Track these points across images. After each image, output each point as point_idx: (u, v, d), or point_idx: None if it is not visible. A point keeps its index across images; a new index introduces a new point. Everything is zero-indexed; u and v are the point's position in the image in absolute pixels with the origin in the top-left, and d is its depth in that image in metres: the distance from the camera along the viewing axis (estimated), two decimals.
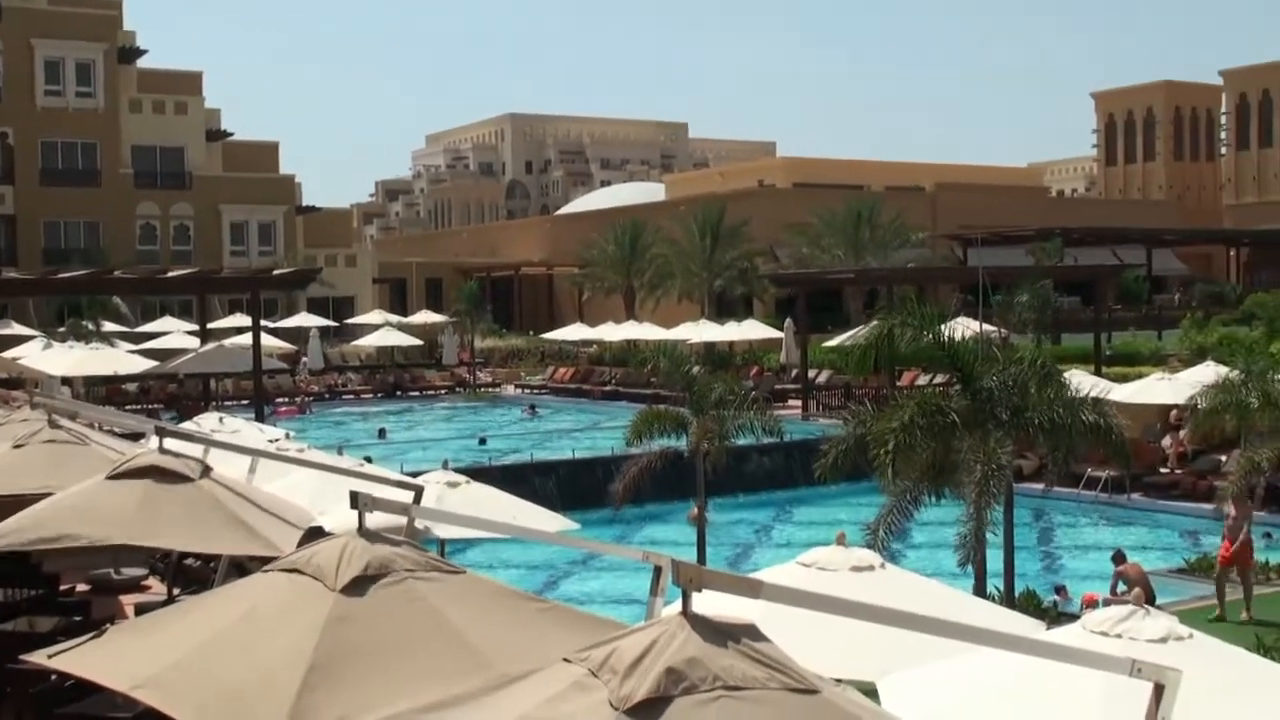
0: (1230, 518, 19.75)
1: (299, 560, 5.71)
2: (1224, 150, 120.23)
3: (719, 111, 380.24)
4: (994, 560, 17.10)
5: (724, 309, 64.00)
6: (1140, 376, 34.20)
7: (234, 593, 6.09)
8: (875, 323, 18.81)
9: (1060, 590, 19.83)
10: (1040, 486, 26.51)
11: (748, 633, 4.19)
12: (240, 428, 20.63)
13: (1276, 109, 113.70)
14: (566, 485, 29.55)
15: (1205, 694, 5.09)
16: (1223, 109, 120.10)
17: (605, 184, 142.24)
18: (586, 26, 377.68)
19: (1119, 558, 20.16)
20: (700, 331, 52.14)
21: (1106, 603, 15.38)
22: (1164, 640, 5.78)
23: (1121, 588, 18.01)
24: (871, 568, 8.47)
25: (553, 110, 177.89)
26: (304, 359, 56.24)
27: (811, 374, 45.07)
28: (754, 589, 4.42)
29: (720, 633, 4.13)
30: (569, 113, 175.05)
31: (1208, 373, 24.83)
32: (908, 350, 17.31)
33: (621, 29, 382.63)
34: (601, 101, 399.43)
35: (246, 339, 39.99)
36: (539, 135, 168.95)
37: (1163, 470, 30.87)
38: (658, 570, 4.39)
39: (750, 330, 53.22)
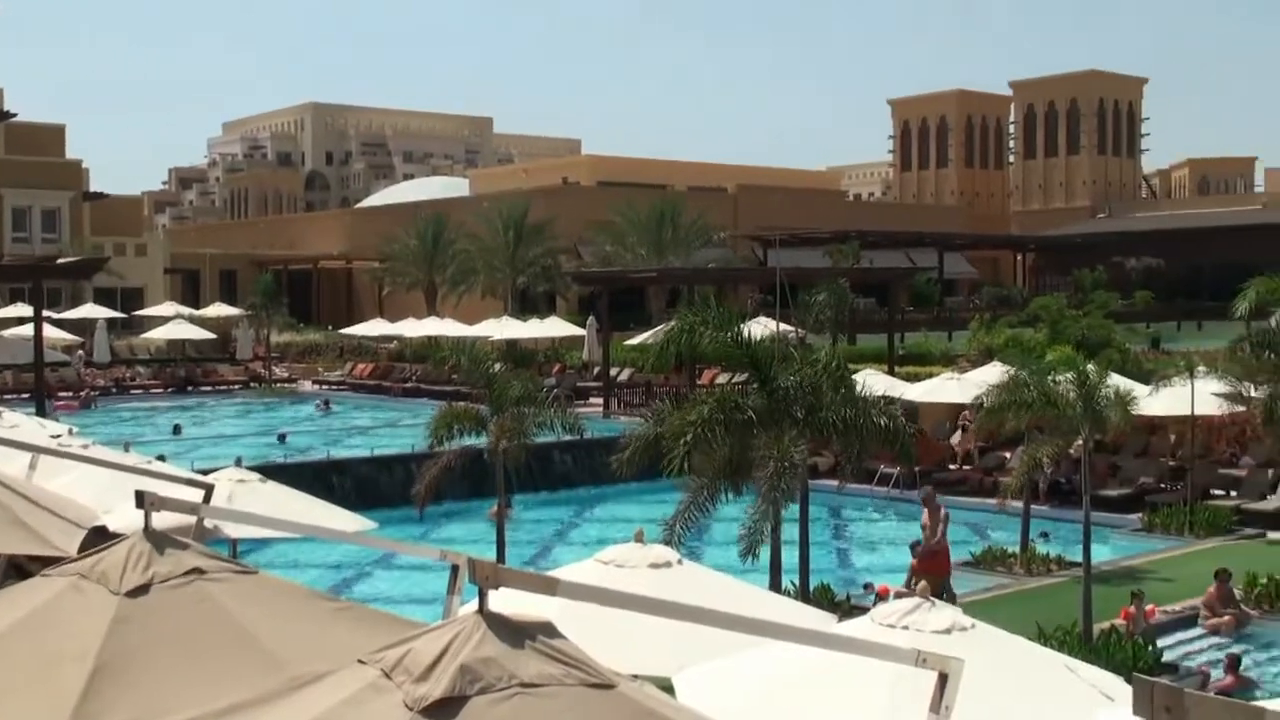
0: (926, 527, 20.05)
1: (83, 564, 5.50)
2: (1012, 158, 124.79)
3: (525, 107, 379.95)
4: (790, 555, 17.45)
5: (527, 306, 63.99)
6: (931, 376, 35.28)
7: (13, 596, 5.83)
8: (676, 321, 19.00)
9: (867, 586, 20.39)
10: (835, 483, 27.12)
11: (544, 630, 4.18)
12: (20, 422, 19.77)
13: (1061, 120, 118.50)
14: (365, 484, 29.14)
15: (987, 682, 5.27)
16: (1011, 119, 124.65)
17: (408, 177, 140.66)
18: (391, 16, 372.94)
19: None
20: (503, 328, 51.98)
21: (898, 595, 15.85)
22: (949, 631, 5.97)
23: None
24: (669, 564, 8.55)
25: (355, 101, 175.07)
26: (79, 351, 54.22)
27: (614, 372, 45.32)
28: (550, 586, 4.41)
29: (517, 631, 4.11)
30: (372, 104, 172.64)
31: (994, 373, 25.72)
32: (707, 349, 17.54)
33: (426, 20, 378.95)
34: (405, 93, 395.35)
35: (28, 329, 38.42)
36: (340, 126, 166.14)
37: (951, 467, 31.93)
38: (455, 569, 4.35)
39: (553, 328, 53.28)
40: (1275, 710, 3.58)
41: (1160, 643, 17.21)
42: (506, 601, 4.39)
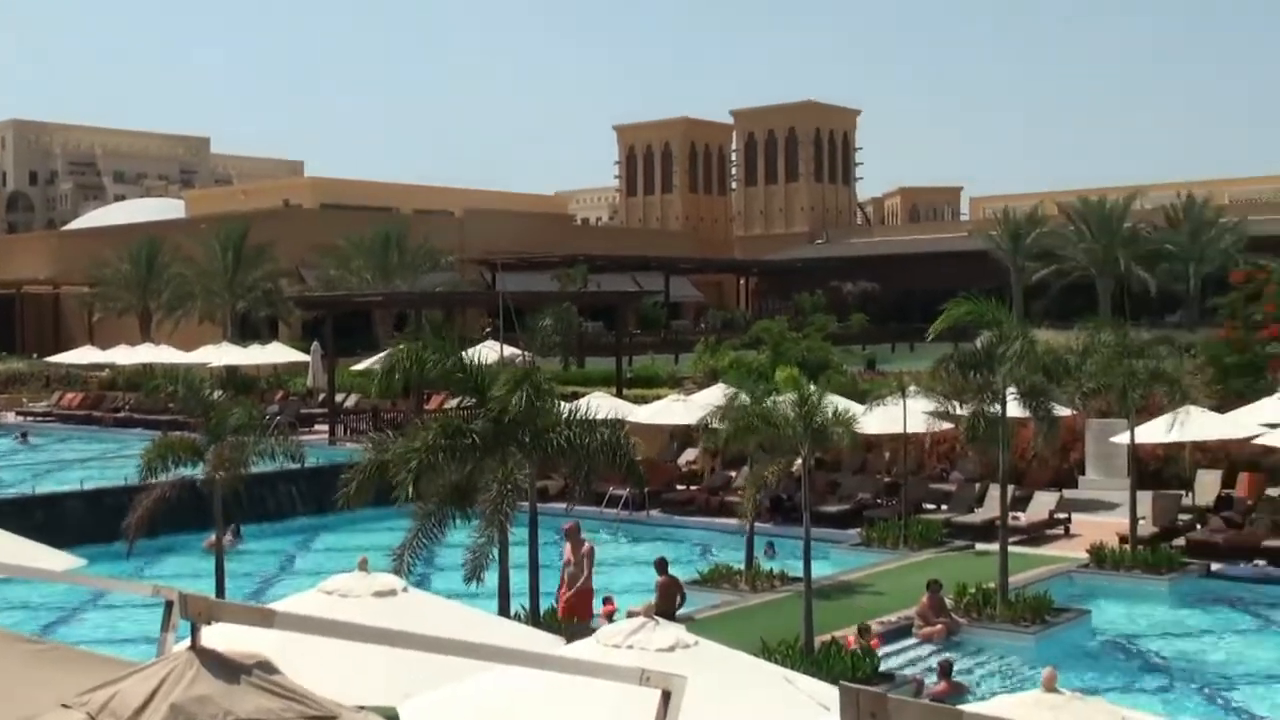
0: (568, 561, 19.56)
1: None
2: (734, 185, 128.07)
3: (243, 128, 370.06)
4: (521, 579, 17.42)
5: (248, 331, 62.27)
6: (659, 398, 35.85)
7: None
8: (402, 346, 18.78)
9: (607, 601, 20.53)
10: (564, 505, 27.22)
11: (260, 665, 4.07)
12: None
13: (781, 148, 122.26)
14: (74, 519, 27.81)
15: (710, 697, 5.36)
16: (733, 146, 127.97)
17: (120, 198, 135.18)
18: (100, 32, 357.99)
19: (660, 566, 21.02)
20: (222, 355, 50.45)
21: (631, 614, 16.00)
22: (672, 649, 6.05)
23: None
24: (394, 592, 8.42)
25: (61, 118, 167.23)
26: None
27: (339, 398, 44.52)
28: (268, 619, 4.30)
29: (232, 667, 3.98)
30: (79, 121, 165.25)
31: (719, 394, 26.26)
32: (433, 374, 17.39)
33: (137, 36, 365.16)
34: (116, 112, 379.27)
35: None
36: (45, 144, 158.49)
37: (679, 487, 32.47)
38: (168, 605, 4.19)
39: (275, 354, 51.99)
40: (973, 713, 3.76)
41: (878, 653, 17.85)
42: (224, 637, 4.24)
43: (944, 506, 28.79)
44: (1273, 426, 26.29)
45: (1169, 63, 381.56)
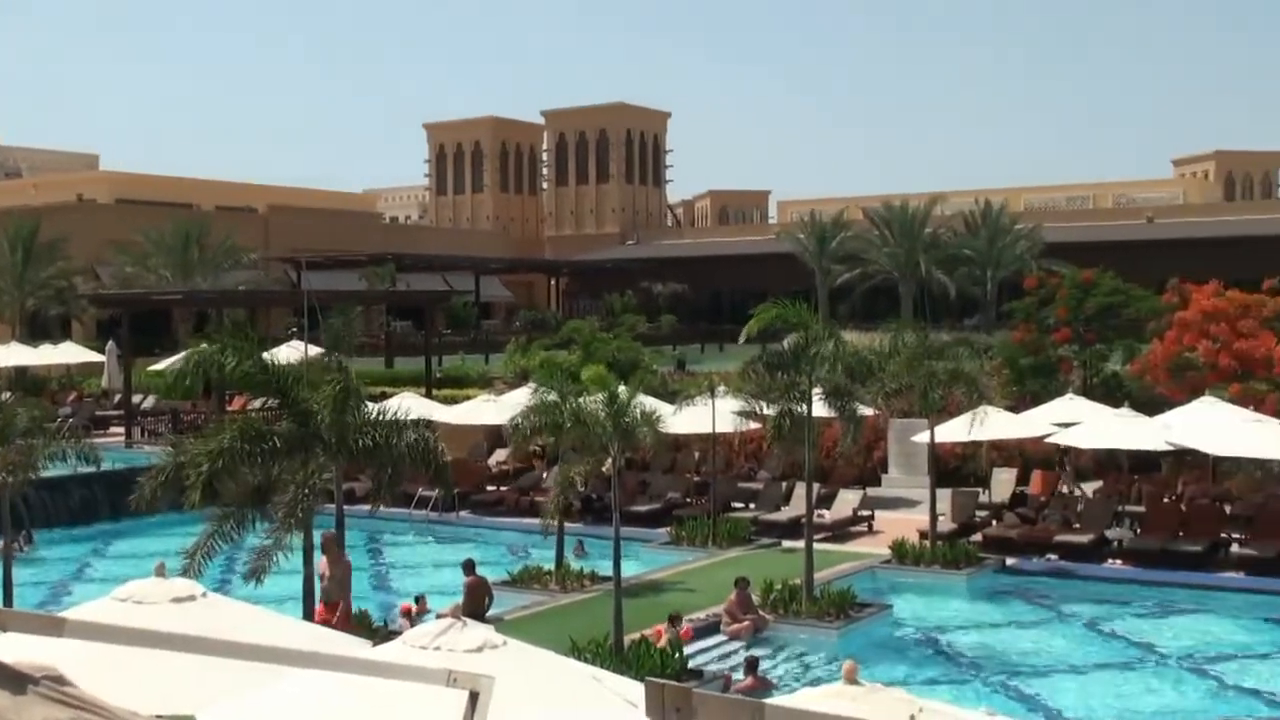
0: (322, 575, 17.58)
1: None
2: (545, 185, 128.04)
3: (34, 118, 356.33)
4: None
5: (38, 330, 59.93)
6: (469, 398, 35.61)
7: None
8: (202, 346, 18.25)
9: (419, 601, 20.31)
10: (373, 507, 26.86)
11: (50, 675, 3.88)
12: None
13: (591, 149, 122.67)
14: None
15: (519, 697, 5.32)
16: (544, 147, 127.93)
17: None
18: None
19: (468, 567, 20.86)
20: (10, 355, 48.40)
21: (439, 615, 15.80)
22: (480, 650, 5.99)
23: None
24: (192, 597, 8.17)
25: None
26: None
27: (137, 399, 43.13)
28: (57, 627, 4.12)
29: (17, 678, 3.80)
30: None
31: (530, 394, 26.21)
32: (234, 375, 16.94)
33: None
34: None
35: None
36: None
37: (490, 488, 32.31)
38: None
39: (68, 353, 50.08)
40: (774, 705, 3.82)
41: (687, 650, 18.00)
42: (12, 647, 4.05)
43: (752, 505, 29.20)
44: (1064, 426, 27.32)
45: (969, 73, 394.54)
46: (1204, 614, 21.88)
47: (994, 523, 26.77)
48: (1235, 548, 24.23)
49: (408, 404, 25.92)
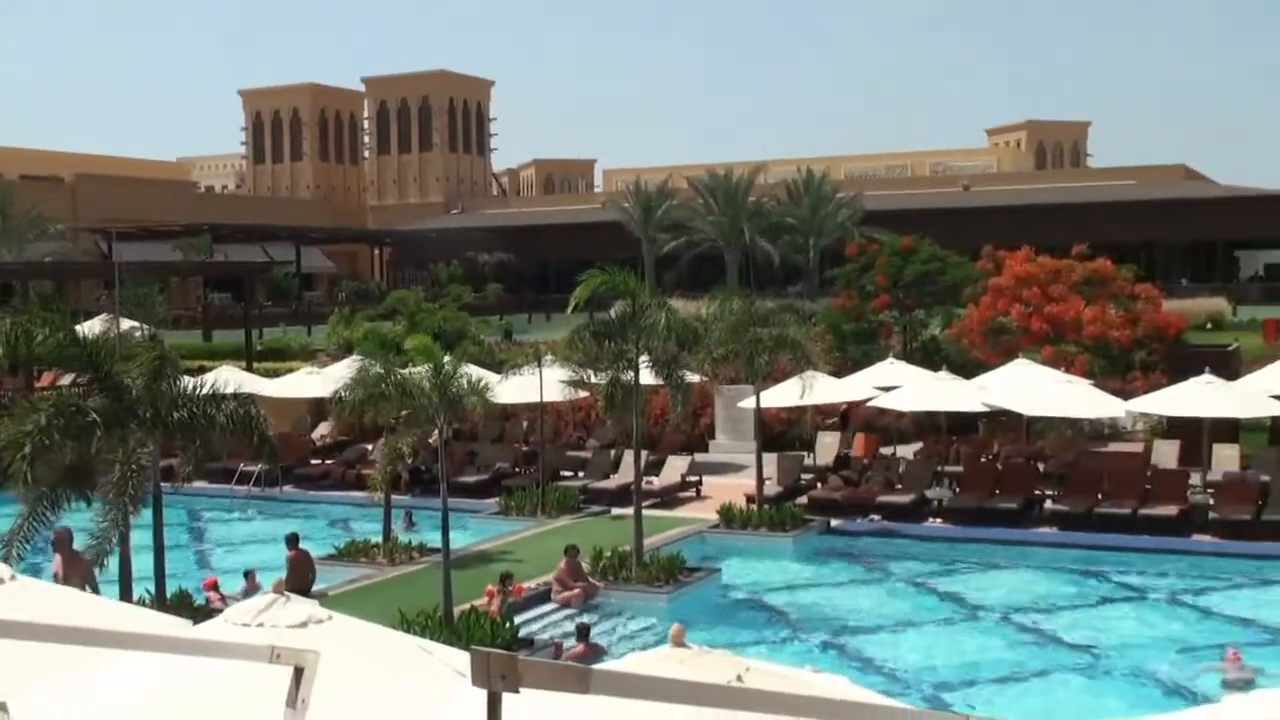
0: (59, 579, 15.89)
1: None
2: (367, 154, 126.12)
3: None
4: (145, 562, 16.59)
5: None
6: (291, 371, 34.93)
7: None
8: (6, 319, 17.48)
9: (249, 576, 19.85)
10: (199, 485, 26.19)
11: None
12: None
13: (414, 117, 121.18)
14: None
15: (344, 671, 5.20)
16: (365, 114, 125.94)
17: None
18: None
19: (290, 541, 20.44)
20: None
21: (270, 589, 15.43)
22: (304, 625, 5.83)
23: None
24: (1, 581, 7.80)
25: None
26: None
27: None
28: None
29: None
30: None
31: (354, 366, 25.80)
32: (43, 349, 16.26)
33: None
34: None
35: None
36: None
37: (314, 462, 31.77)
38: None
39: None
40: (601, 670, 3.81)
41: (519, 619, 17.96)
42: None
43: (580, 473, 29.23)
44: (885, 390, 27.91)
45: (791, 44, 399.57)
46: (1020, 569, 22.60)
47: (819, 485, 27.23)
48: (1048, 504, 25.05)
49: (227, 377, 25.25)
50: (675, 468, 28.72)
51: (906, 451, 30.05)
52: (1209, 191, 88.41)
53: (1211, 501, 24.17)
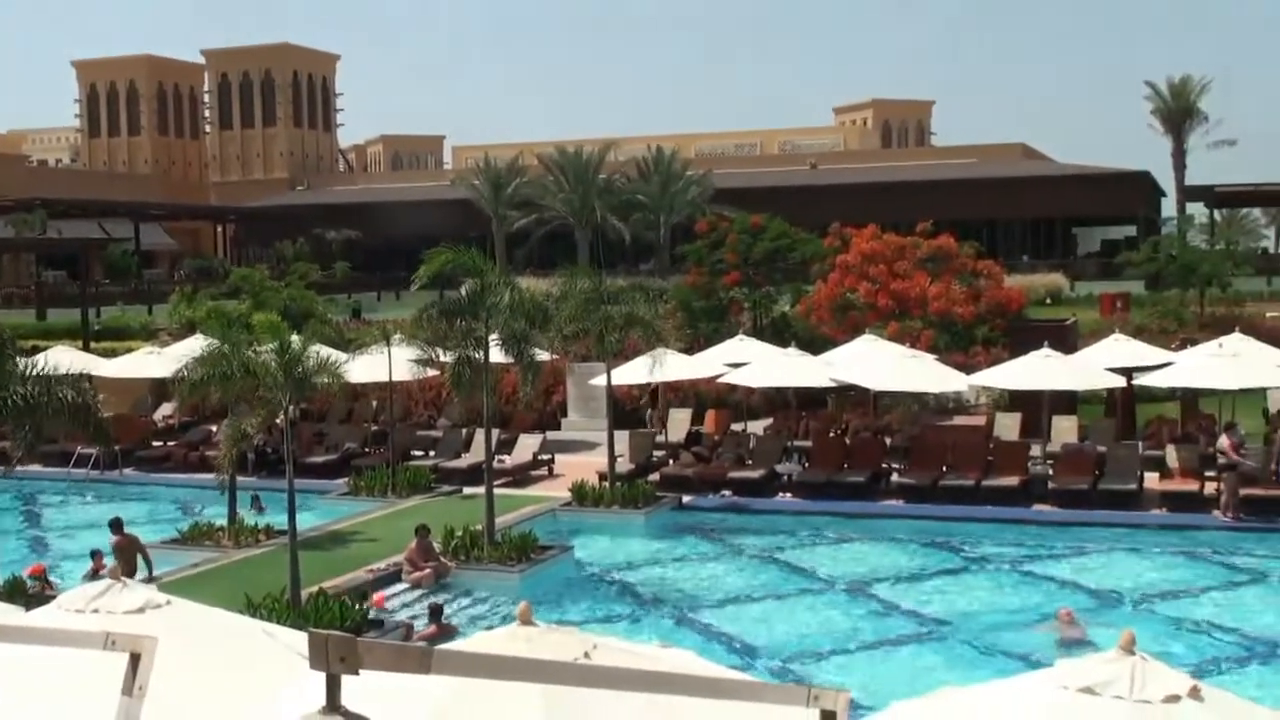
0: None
1: None
2: (208, 128, 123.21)
3: None
4: None
5: None
6: (130, 351, 34.01)
7: None
8: None
9: (95, 555, 19.27)
10: (34, 468, 25.42)
11: None
12: None
13: (256, 91, 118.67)
14: None
15: (184, 656, 5.06)
16: (205, 88, 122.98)
17: None
18: None
19: (115, 525, 19.86)
20: None
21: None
22: (142, 610, 5.67)
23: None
24: None
25: None
26: None
27: None
28: None
29: None
30: None
31: (197, 345, 25.21)
32: None
33: None
34: None
35: None
36: None
37: (156, 443, 30.99)
38: None
39: None
40: (443, 650, 3.75)
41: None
42: None
43: (431, 453, 29.00)
44: (735, 366, 28.14)
45: (642, 22, 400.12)
46: (867, 541, 22.98)
47: (671, 462, 27.37)
48: (895, 477, 25.52)
49: (62, 357, 24.48)
50: (527, 446, 28.62)
51: (757, 427, 30.35)
52: (1047, 170, 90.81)
53: (1051, 472, 24.86)
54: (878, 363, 27.19)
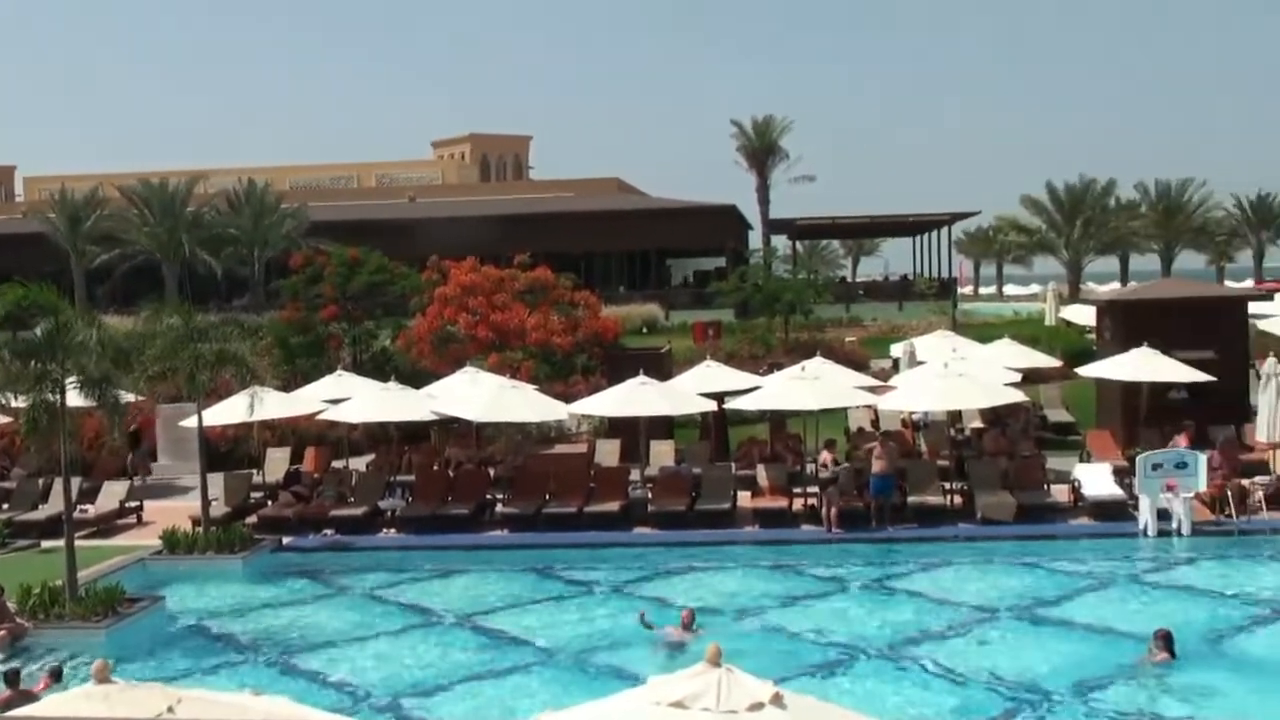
0: None
1: None
2: None
3: None
4: None
5: None
6: None
7: None
8: None
9: None
10: None
11: None
12: None
13: None
14: None
15: None
16: None
17: None
18: None
19: None
20: None
21: None
22: None
23: None
24: None
25: None
26: None
27: None
28: None
29: None
30: None
31: None
32: None
33: None
34: None
35: None
36: None
37: None
38: None
39: None
40: (13, 715, 3.44)
41: None
42: None
43: (5, 505, 27.14)
44: (335, 402, 27.61)
45: (237, 50, 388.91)
46: (473, 572, 22.94)
47: (269, 503, 26.55)
48: (499, 507, 25.63)
49: None
50: (113, 494, 27.16)
51: (359, 464, 29.87)
52: (642, 204, 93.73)
53: (650, 495, 25.57)
54: (479, 394, 27.28)
